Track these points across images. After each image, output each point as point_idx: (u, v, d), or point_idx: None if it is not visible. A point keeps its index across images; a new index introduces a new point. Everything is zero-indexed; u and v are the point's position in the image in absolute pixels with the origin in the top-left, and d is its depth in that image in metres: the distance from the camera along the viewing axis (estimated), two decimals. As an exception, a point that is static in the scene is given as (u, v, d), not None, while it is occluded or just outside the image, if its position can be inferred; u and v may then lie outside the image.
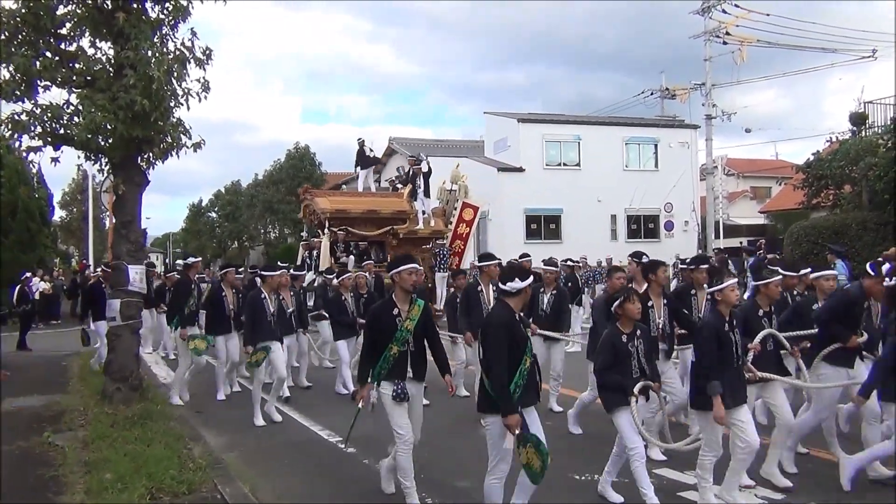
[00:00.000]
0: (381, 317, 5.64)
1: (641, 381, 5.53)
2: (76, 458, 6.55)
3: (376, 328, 5.62)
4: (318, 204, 19.96)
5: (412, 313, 5.57)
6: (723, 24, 27.32)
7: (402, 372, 5.52)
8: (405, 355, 5.54)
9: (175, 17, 9.01)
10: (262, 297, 8.74)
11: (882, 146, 17.77)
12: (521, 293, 5.00)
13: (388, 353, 5.51)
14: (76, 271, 30.45)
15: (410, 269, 5.61)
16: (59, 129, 8.67)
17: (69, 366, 12.72)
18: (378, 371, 5.53)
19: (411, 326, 5.54)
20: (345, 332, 10.26)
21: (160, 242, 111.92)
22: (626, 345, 5.60)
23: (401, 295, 5.64)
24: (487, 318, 5.21)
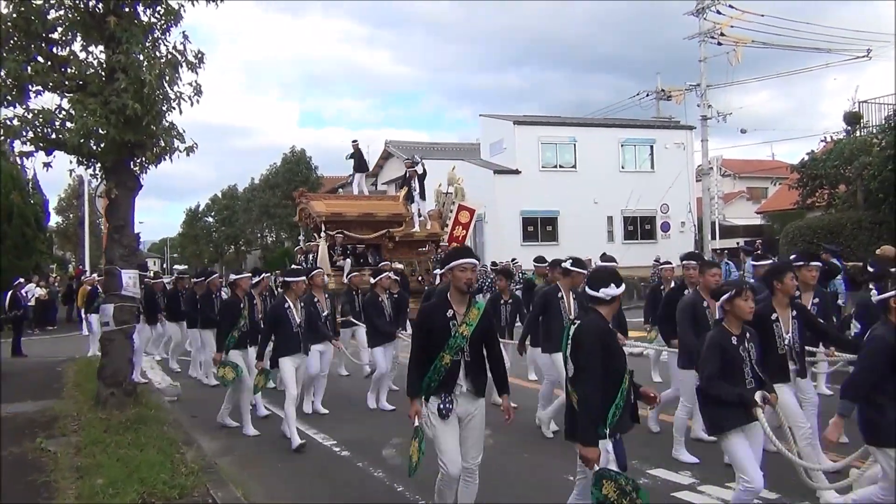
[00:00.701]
0: (432, 318, 4.80)
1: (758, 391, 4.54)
2: (68, 463, 6.52)
3: (426, 331, 4.79)
4: (314, 207, 19.94)
5: (469, 317, 4.74)
6: (717, 25, 27.36)
7: (452, 385, 4.70)
8: (458, 366, 4.69)
9: (167, 21, 8.97)
10: (285, 307, 7.93)
11: (876, 145, 17.80)
12: (615, 301, 4.38)
13: (438, 363, 4.67)
14: (72, 277, 30.41)
15: (464, 265, 4.74)
16: (51, 133, 8.62)
17: (64, 371, 12.67)
18: (426, 383, 4.71)
19: (468, 332, 4.70)
20: (382, 337, 9.54)
21: (157, 247, 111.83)
22: (737, 348, 4.69)
23: (456, 295, 4.80)
24: (579, 329, 4.29)
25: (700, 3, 27.40)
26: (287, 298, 8.03)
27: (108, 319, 9.06)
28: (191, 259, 71.37)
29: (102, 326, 9.43)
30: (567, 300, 7.61)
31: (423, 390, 4.72)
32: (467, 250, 4.95)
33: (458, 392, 4.70)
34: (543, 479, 6.44)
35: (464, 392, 4.72)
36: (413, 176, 20.79)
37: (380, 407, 9.48)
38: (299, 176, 48.91)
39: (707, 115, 28.39)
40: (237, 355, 8.45)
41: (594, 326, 4.23)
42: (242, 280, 8.98)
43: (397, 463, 6.91)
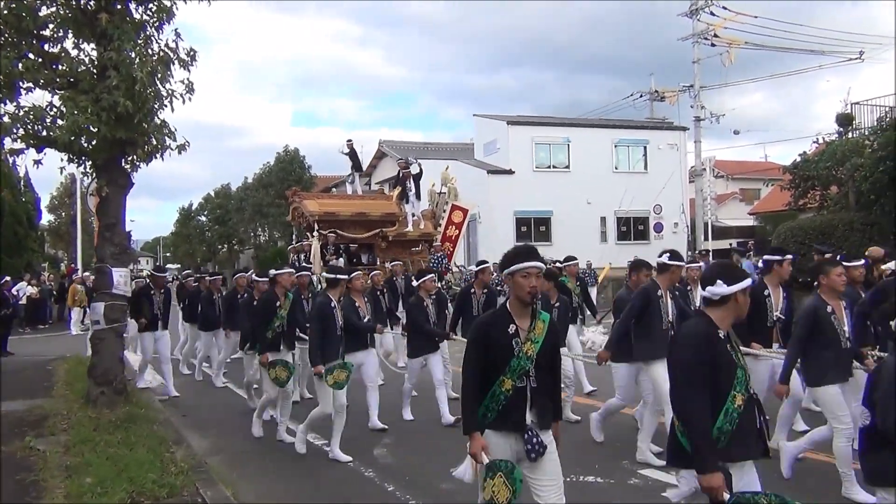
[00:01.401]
0: (490, 334, 3.87)
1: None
2: (57, 462, 6.48)
3: (483, 349, 3.85)
4: (307, 206, 19.91)
5: (535, 332, 3.85)
6: (711, 26, 27.44)
7: (518, 418, 3.79)
8: (523, 394, 3.80)
9: (159, 19, 8.94)
10: (332, 306, 7.19)
11: (868, 147, 17.84)
12: (729, 301, 3.60)
13: (497, 389, 3.79)
14: (64, 275, 30.31)
15: (528, 270, 3.81)
16: (42, 131, 8.59)
17: (55, 370, 12.61)
18: (482, 413, 3.84)
19: (533, 351, 3.81)
20: (427, 345, 8.67)
21: (150, 246, 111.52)
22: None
23: (518, 307, 3.89)
24: (674, 338, 3.80)
25: (694, 5, 27.48)
26: (332, 297, 7.30)
27: (99, 318, 9.02)
28: (183, 258, 71.20)
29: (93, 325, 9.39)
30: (666, 300, 6.71)
31: (479, 422, 3.83)
32: (531, 251, 3.93)
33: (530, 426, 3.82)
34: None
35: (529, 424, 3.82)
36: (408, 176, 20.80)
37: (447, 421, 8.46)
38: (293, 175, 48.81)
39: (700, 117, 28.48)
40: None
41: (692, 334, 3.57)
42: (283, 276, 8.10)
43: (388, 462, 6.92)
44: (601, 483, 6.16)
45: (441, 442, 7.72)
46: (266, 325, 7.76)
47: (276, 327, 7.76)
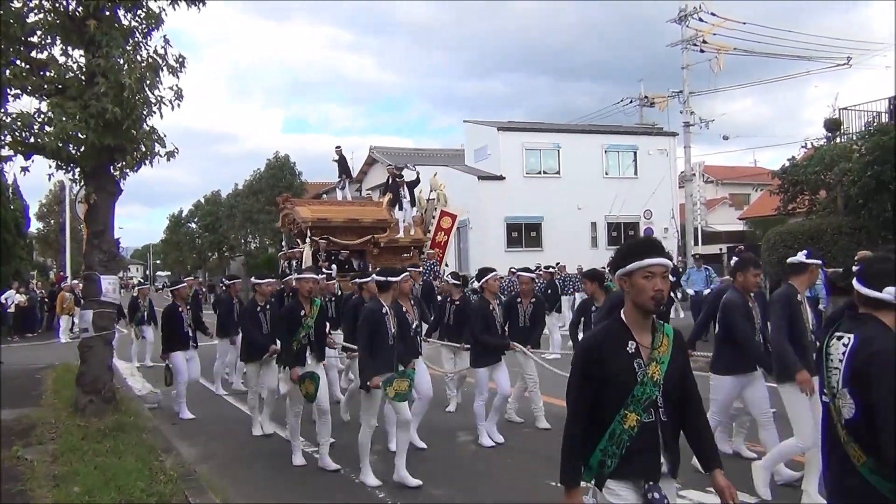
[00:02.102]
0: (604, 356, 2.95)
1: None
2: (45, 471, 6.43)
3: (594, 376, 2.93)
4: (299, 213, 19.84)
5: (660, 350, 2.98)
6: (700, 32, 27.58)
7: (650, 462, 2.91)
8: (652, 431, 2.90)
9: (148, 25, 8.93)
10: (383, 312, 6.46)
11: (856, 152, 17.93)
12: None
13: (618, 427, 2.88)
14: (53, 283, 30.12)
15: (652, 268, 2.95)
16: (30, 137, 8.55)
17: (43, 378, 12.53)
18: (598, 461, 2.94)
19: (659, 375, 2.93)
20: (490, 356, 7.81)
21: (140, 254, 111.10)
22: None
23: (636, 317, 2.99)
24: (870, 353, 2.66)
25: (682, 11, 27.62)
26: (383, 302, 6.55)
27: (87, 326, 8.97)
28: (174, 266, 70.96)
29: (81, 333, 9.33)
30: (805, 305, 6.03)
31: (595, 472, 2.96)
32: (653, 244, 3.05)
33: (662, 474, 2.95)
34: (520, 482, 6.42)
35: (663, 473, 2.95)
36: (402, 183, 20.84)
37: (494, 440, 7.72)
38: (283, 182, 48.71)
39: (690, 122, 28.61)
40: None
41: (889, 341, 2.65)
42: (304, 281, 7.35)
43: (379, 469, 6.87)
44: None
45: (433, 448, 7.70)
46: (291, 337, 7.13)
47: (301, 338, 7.10)
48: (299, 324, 7.09)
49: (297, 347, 7.09)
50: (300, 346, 7.10)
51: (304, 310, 7.15)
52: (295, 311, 7.19)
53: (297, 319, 7.12)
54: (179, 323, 9.69)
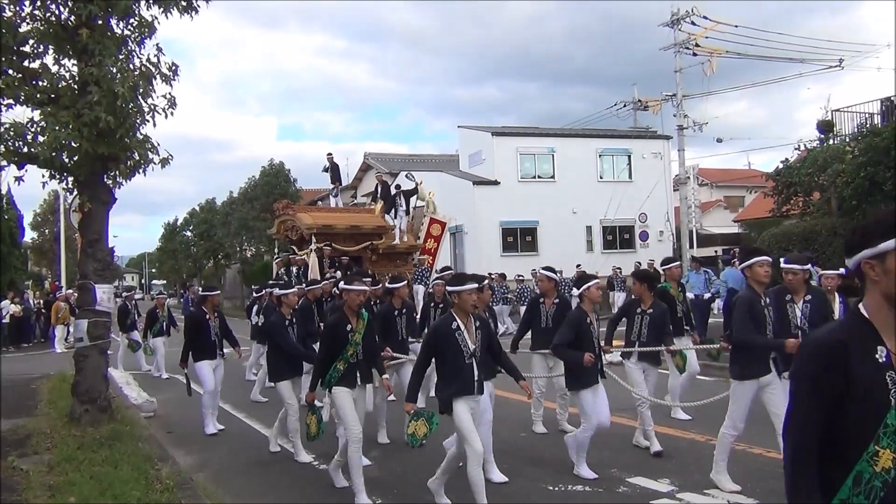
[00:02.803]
0: (849, 356, 2.06)
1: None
2: (40, 481, 6.39)
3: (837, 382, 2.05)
4: (302, 220, 20.10)
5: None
6: (692, 36, 27.60)
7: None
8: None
9: (140, 34, 8.92)
10: (452, 326, 5.48)
11: (849, 153, 18.00)
12: None
13: (868, 469, 2.02)
14: (48, 293, 30.04)
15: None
16: (23, 147, 8.53)
17: (38, 388, 12.49)
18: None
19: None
20: (589, 376, 6.54)
21: (135, 262, 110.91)
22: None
23: (884, 314, 2.13)
24: None
25: (675, 15, 27.68)
26: (456, 317, 5.50)
27: (82, 335, 8.94)
28: (169, 274, 70.83)
29: (76, 342, 9.30)
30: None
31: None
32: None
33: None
34: (519, 488, 6.41)
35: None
36: (399, 192, 21.47)
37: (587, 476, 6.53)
38: (278, 189, 48.66)
39: (683, 125, 28.61)
40: (345, 395, 6.14)
41: None
42: (354, 293, 6.22)
43: (376, 476, 6.87)
44: (589, 492, 6.15)
45: (425, 455, 7.68)
46: (338, 356, 6.15)
47: (349, 356, 6.13)
48: (346, 340, 6.11)
49: (344, 368, 6.12)
50: (348, 367, 6.13)
51: (350, 324, 6.19)
52: (340, 326, 6.18)
53: (343, 336, 6.14)
54: (206, 331, 9.05)
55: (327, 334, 6.33)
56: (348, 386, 6.16)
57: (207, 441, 8.75)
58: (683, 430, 7.99)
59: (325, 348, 6.27)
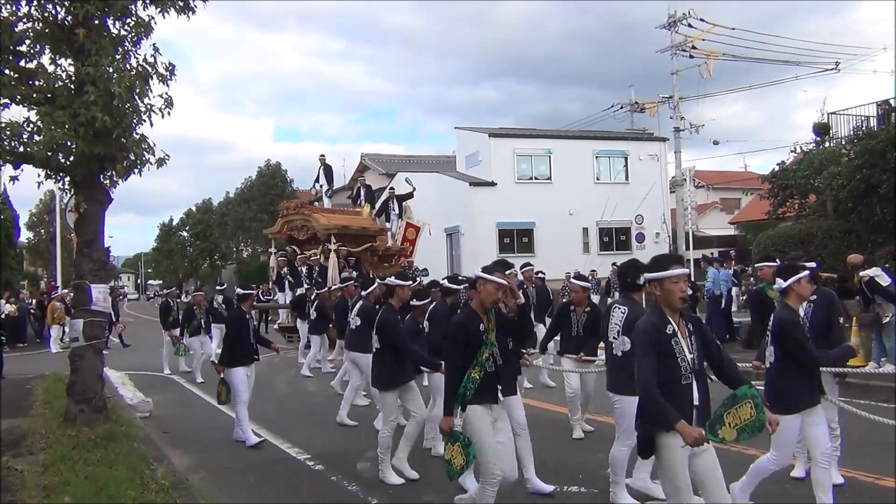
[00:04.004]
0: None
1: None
2: (35, 482, 6.37)
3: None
4: (319, 220, 20.54)
5: None
6: (689, 38, 27.66)
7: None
8: None
9: (137, 34, 8.89)
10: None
11: (845, 156, 18.08)
12: None
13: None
14: (43, 293, 29.97)
15: None
16: (19, 147, 8.49)
17: (33, 388, 12.45)
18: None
19: None
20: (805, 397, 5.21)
21: (131, 262, 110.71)
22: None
23: None
24: None
25: (672, 17, 27.73)
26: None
27: (78, 335, 8.91)
28: (165, 274, 70.74)
29: (72, 342, 9.28)
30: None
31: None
32: None
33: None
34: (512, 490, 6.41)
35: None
36: (392, 196, 22.51)
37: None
38: (274, 189, 48.70)
39: (680, 127, 28.67)
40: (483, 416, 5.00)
41: None
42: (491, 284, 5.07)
43: (371, 476, 6.86)
44: (584, 493, 6.15)
45: (424, 456, 7.69)
46: (468, 363, 5.00)
47: (485, 361, 5.00)
48: (481, 341, 5.03)
49: (480, 377, 4.95)
50: (485, 376, 4.98)
51: (482, 322, 5.10)
52: (472, 326, 5.08)
53: (477, 336, 5.05)
54: (247, 333, 8.50)
55: (457, 337, 5.07)
56: (487, 402, 5.02)
57: (203, 442, 8.74)
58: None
59: (454, 354, 5.03)
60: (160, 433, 9.11)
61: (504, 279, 5.09)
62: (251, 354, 8.56)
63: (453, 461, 4.86)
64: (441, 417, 5.04)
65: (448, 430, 4.92)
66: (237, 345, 8.45)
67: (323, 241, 20.11)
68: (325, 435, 8.80)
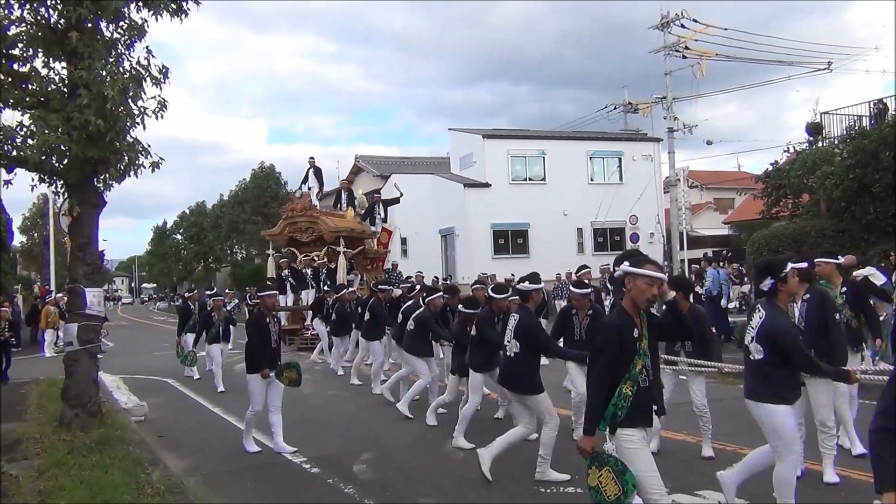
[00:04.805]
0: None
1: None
2: (30, 487, 6.35)
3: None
4: (328, 223, 20.73)
5: None
6: (682, 38, 27.68)
7: None
8: None
9: (130, 37, 8.88)
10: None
11: (838, 156, 18.12)
12: None
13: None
14: (37, 297, 29.85)
15: None
16: (12, 150, 8.49)
17: (28, 393, 12.42)
18: None
19: None
20: None
21: (125, 266, 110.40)
22: None
23: None
24: None
25: (664, 18, 27.78)
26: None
27: (72, 339, 8.90)
28: (159, 277, 70.58)
29: (66, 346, 9.25)
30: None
31: None
32: None
33: None
34: (515, 491, 6.42)
35: None
36: (377, 200, 23.31)
37: None
38: (268, 192, 48.65)
39: (673, 128, 28.69)
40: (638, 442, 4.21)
41: None
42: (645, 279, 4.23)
43: (368, 478, 6.87)
44: (580, 494, 6.15)
45: (417, 457, 7.70)
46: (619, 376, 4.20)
47: (639, 375, 4.19)
48: (634, 350, 4.19)
49: (633, 393, 4.14)
50: (638, 392, 4.17)
51: (636, 327, 4.26)
52: (627, 330, 4.23)
53: (630, 343, 4.20)
54: (268, 337, 8.09)
55: (611, 343, 4.20)
56: (641, 424, 4.24)
57: (199, 445, 8.72)
58: (674, 431, 8.01)
59: (605, 363, 4.19)
60: (155, 437, 9.09)
61: (659, 272, 4.30)
62: (273, 360, 8.07)
63: (603, 489, 4.05)
64: (581, 437, 4.32)
65: (590, 451, 4.17)
66: (257, 350, 8.03)
67: (328, 244, 20.37)
68: (320, 438, 8.79)
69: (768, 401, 4.83)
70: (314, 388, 12.47)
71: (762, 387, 4.89)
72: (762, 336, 4.90)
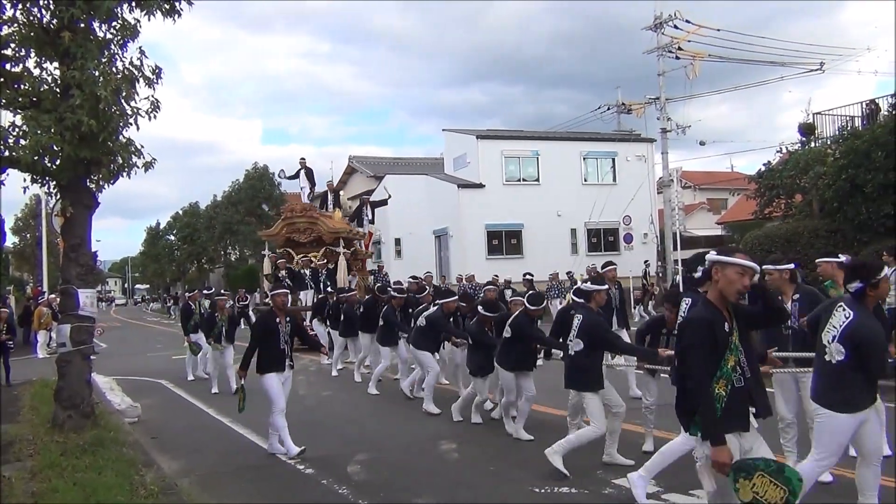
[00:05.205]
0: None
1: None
2: (23, 488, 6.32)
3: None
4: (328, 224, 20.83)
5: None
6: (675, 39, 27.77)
7: None
8: None
9: (123, 37, 8.84)
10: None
11: (830, 156, 18.20)
12: None
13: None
14: (30, 298, 29.74)
15: None
16: (5, 151, 8.44)
17: (20, 394, 12.36)
18: None
19: None
20: None
21: (118, 267, 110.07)
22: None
23: None
24: None
25: (658, 19, 27.84)
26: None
27: (65, 340, 8.85)
28: (153, 278, 70.35)
29: (59, 348, 9.21)
30: None
31: None
32: None
33: None
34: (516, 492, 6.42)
35: None
36: (365, 202, 23.67)
37: None
38: (262, 192, 48.55)
39: (667, 128, 28.77)
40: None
41: None
42: (736, 268, 3.84)
43: (362, 479, 6.86)
44: (575, 493, 6.16)
45: (412, 457, 7.70)
46: (712, 373, 3.87)
47: (730, 371, 3.85)
48: (726, 345, 3.83)
49: (727, 393, 3.78)
50: (733, 392, 3.80)
51: (727, 321, 3.88)
52: (718, 324, 3.85)
53: (723, 339, 3.84)
54: (276, 338, 7.94)
55: (704, 338, 3.81)
56: (737, 428, 3.84)
57: (193, 446, 8.70)
58: (669, 431, 8.02)
59: (703, 361, 3.79)
60: (148, 438, 9.06)
61: (750, 260, 3.87)
62: (282, 361, 7.92)
63: (764, 499, 3.56)
64: (711, 450, 3.71)
65: (730, 462, 3.67)
66: (266, 350, 7.90)
67: (327, 245, 20.49)
68: (314, 438, 8.77)
69: (835, 409, 4.63)
70: (309, 389, 12.45)
71: (833, 391, 4.66)
72: (845, 336, 4.64)
